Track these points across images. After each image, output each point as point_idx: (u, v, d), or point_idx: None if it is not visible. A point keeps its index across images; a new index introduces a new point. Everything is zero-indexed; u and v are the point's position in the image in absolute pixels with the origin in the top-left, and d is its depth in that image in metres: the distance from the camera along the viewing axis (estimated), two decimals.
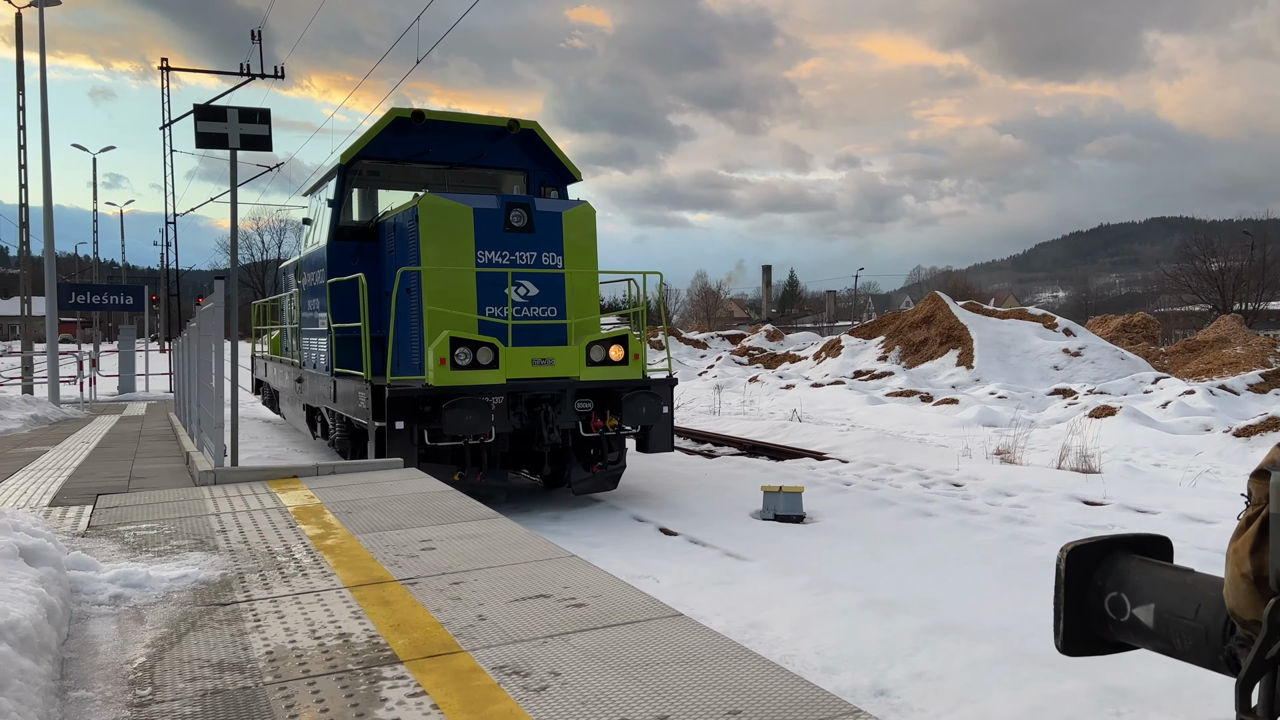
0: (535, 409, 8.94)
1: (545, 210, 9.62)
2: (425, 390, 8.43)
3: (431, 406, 8.45)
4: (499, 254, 9.32)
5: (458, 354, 8.54)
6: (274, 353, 16.74)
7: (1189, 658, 1.92)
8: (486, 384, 8.60)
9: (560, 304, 9.59)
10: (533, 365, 8.96)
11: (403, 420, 8.34)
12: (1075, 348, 24.62)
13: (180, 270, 55.38)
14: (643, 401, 9.18)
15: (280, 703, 2.76)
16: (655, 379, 9.58)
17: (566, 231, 9.64)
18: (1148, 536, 2.15)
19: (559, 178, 11.48)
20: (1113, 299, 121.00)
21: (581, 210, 9.88)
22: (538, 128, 10.97)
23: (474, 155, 11.06)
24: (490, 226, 9.29)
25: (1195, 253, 60.51)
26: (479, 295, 9.19)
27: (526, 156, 11.33)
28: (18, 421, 13.45)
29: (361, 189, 11.39)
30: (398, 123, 10.40)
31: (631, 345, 9.47)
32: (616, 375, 9.32)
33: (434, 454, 8.62)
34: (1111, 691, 4.61)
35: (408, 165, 11.06)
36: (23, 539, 3.94)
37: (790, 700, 2.67)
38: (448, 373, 8.47)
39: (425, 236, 9.11)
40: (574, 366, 9.18)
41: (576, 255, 9.72)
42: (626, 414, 9.11)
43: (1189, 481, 10.59)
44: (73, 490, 7.04)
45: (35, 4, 18.69)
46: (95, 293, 26.62)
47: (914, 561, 7.34)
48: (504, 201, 9.39)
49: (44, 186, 18.27)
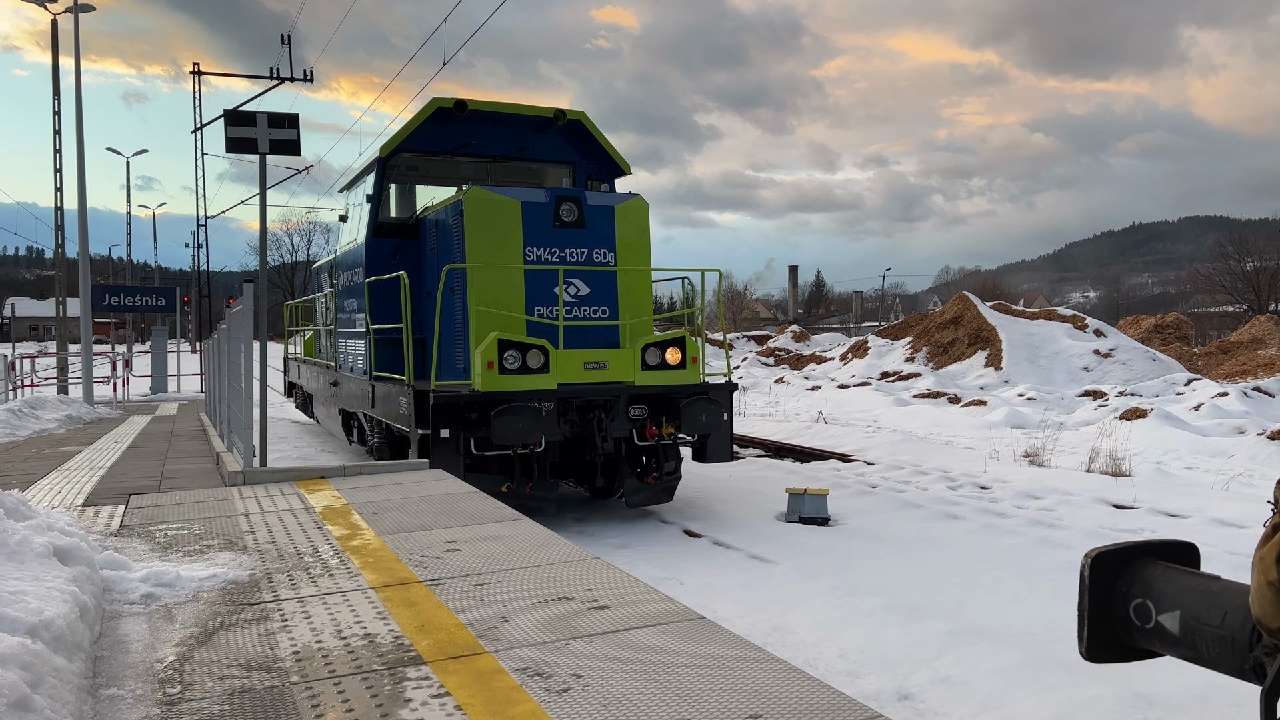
0: (587, 416, 8.43)
1: (597, 204, 9.12)
2: (472, 396, 8.00)
3: (478, 413, 8.00)
4: (548, 251, 8.85)
5: (506, 357, 8.09)
6: (307, 355, 16.51)
7: (1215, 665, 1.90)
8: (536, 389, 8.14)
9: (612, 304, 9.12)
10: (584, 369, 8.48)
11: (448, 428, 7.91)
12: (1106, 349, 24.33)
13: (211, 272, 56.07)
14: (702, 408, 8.62)
15: (306, 702, 2.80)
16: (714, 384, 9.08)
17: (619, 227, 9.17)
18: (1174, 543, 2.13)
19: (607, 171, 10.97)
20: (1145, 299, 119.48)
21: (634, 204, 9.38)
22: (584, 118, 10.47)
23: (518, 148, 10.54)
24: (539, 222, 8.82)
25: (1230, 252, 59.64)
26: (527, 294, 8.72)
27: (572, 148, 10.85)
28: (53, 421, 13.69)
29: (399, 185, 10.92)
30: (439, 113, 9.93)
31: (689, 348, 8.94)
32: (674, 380, 8.80)
33: (480, 464, 8.17)
34: (1139, 698, 4.56)
35: (448, 159, 10.58)
36: (57, 539, 4.02)
37: (813, 705, 2.67)
38: (495, 377, 8.04)
39: (471, 232, 8.67)
40: (628, 370, 8.68)
41: (629, 252, 9.22)
42: (685, 421, 8.56)
43: (1221, 485, 10.44)
44: (106, 490, 7.15)
45: (70, 10, 19.02)
46: (129, 294, 27.04)
47: (940, 565, 7.29)
48: (553, 195, 8.93)
49: (79, 189, 18.58)
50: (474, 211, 8.68)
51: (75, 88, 18.37)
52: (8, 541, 3.69)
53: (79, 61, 18.55)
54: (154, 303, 26.94)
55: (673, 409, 8.70)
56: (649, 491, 8.91)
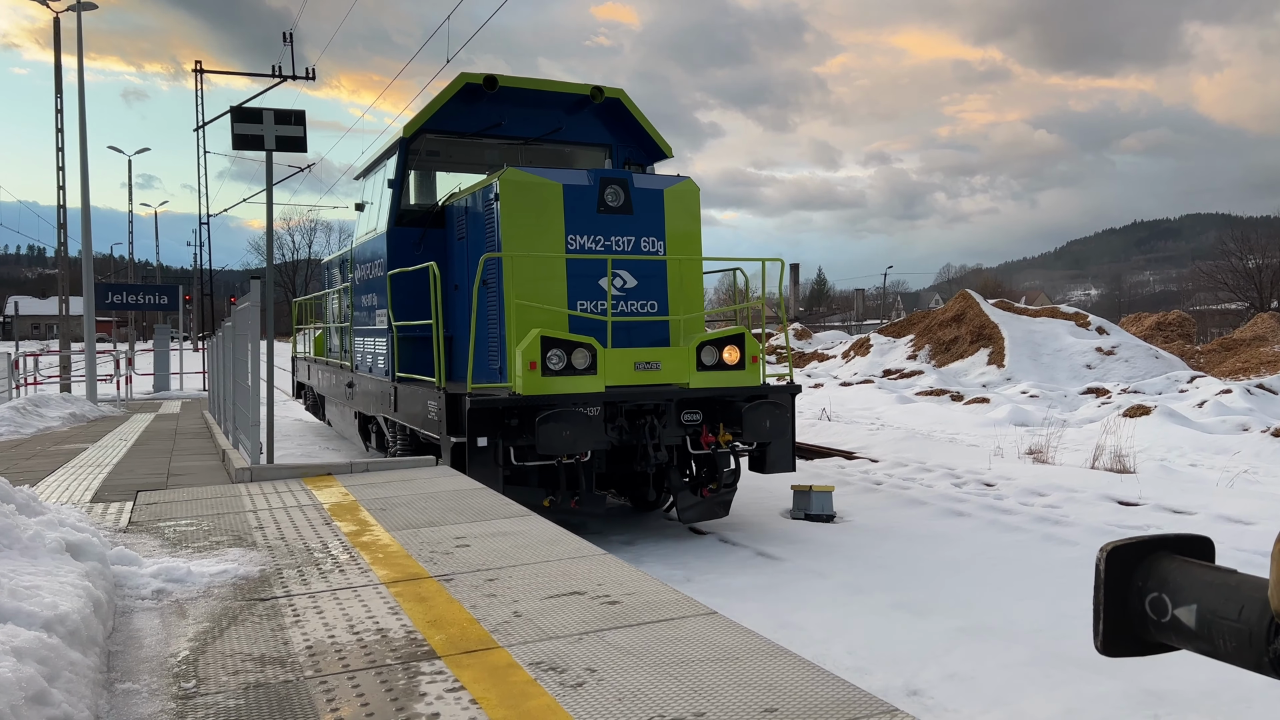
0: (637, 422, 7.69)
1: (644, 188, 8.35)
2: (513, 400, 7.24)
3: (519, 419, 7.28)
4: (592, 239, 8.08)
5: (550, 357, 7.35)
6: (317, 353, 15.85)
7: (1232, 659, 1.91)
8: (583, 392, 7.41)
9: (661, 297, 8.34)
10: (635, 370, 7.75)
11: (485, 436, 7.18)
12: (1109, 346, 24.33)
13: (213, 270, 56.09)
14: (766, 413, 7.80)
15: (321, 696, 2.81)
16: (774, 386, 8.31)
17: (669, 213, 8.41)
18: (1189, 537, 2.14)
19: (645, 154, 10.16)
20: (1147, 296, 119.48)
21: (684, 188, 8.58)
22: (624, 96, 9.70)
23: (550, 129, 9.81)
24: (582, 206, 8.06)
25: (1232, 249, 59.61)
26: (568, 287, 7.98)
27: (609, 129, 10.07)
28: (57, 419, 13.71)
29: (418, 171, 10.12)
30: (466, 90, 9.17)
31: (748, 346, 8.14)
32: (732, 382, 8.03)
33: (519, 475, 7.50)
34: (1148, 694, 4.57)
35: (475, 141, 9.84)
36: (68, 534, 4.03)
37: (826, 699, 2.68)
38: (538, 379, 7.30)
39: (507, 218, 7.91)
40: (683, 371, 7.91)
41: (679, 241, 8.46)
42: (748, 428, 7.75)
43: (1226, 482, 10.44)
44: (113, 486, 7.16)
45: (73, 8, 19.02)
46: (131, 293, 27.08)
47: (946, 562, 7.30)
48: (597, 177, 8.16)
49: (82, 188, 18.59)
50: (511, 195, 7.94)
51: (78, 86, 18.39)
52: (20, 537, 3.71)
53: (81, 60, 18.56)
54: (156, 301, 26.97)
55: (730, 413, 7.92)
56: (704, 505, 8.15)
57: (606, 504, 8.08)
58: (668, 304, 8.34)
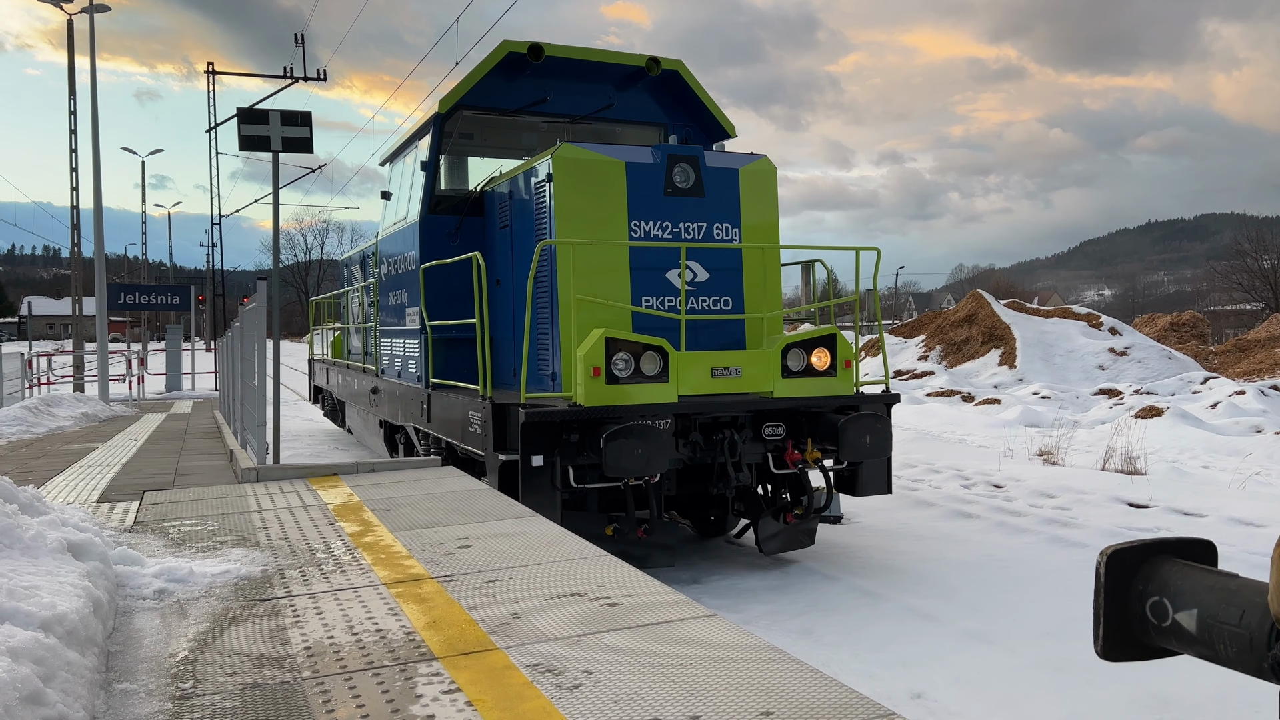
0: (713, 437, 6.74)
1: (717, 167, 7.39)
2: (574, 412, 6.27)
3: (579, 434, 6.31)
4: (657, 225, 7.16)
5: (615, 362, 6.39)
6: (335, 355, 15.08)
7: (1232, 665, 1.88)
8: (655, 403, 6.46)
9: (737, 293, 7.40)
10: (711, 377, 6.73)
11: (541, 454, 6.20)
12: (1121, 347, 24.19)
13: (225, 270, 56.38)
14: (867, 428, 6.73)
15: (318, 698, 2.80)
16: (868, 395, 7.31)
17: (744, 196, 7.45)
18: (1191, 540, 2.11)
19: (706, 135, 9.14)
20: (1161, 297, 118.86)
21: (761, 167, 7.58)
22: (682, 67, 8.73)
23: (601, 105, 8.83)
24: (647, 188, 7.13)
25: (1247, 249, 59.17)
26: (632, 281, 7.04)
27: (664, 106, 9.15)
28: (69, 419, 13.78)
29: (450, 156, 9.14)
30: (509, 61, 8.26)
31: (841, 349, 7.18)
32: (823, 390, 7.04)
33: (577, 499, 6.60)
34: (1155, 698, 4.52)
35: (516, 119, 8.92)
36: (71, 534, 4.04)
37: (825, 703, 2.65)
38: (602, 387, 6.33)
39: (561, 201, 6.98)
40: (766, 378, 6.88)
41: (756, 228, 7.51)
42: (846, 444, 6.67)
43: (1238, 484, 10.35)
44: (120, 486, 7.19)
45: (86, 10, 19.14)
46: (144, 293, 27.25)
47: (954, 563, 7.26)
48: (664, 154, 7.19)
49: (95, 189, 18.70)
50: (566, 175, 6.99)
51: (91, 88, 18.49)
52: (22, 537, 3.71)
53: (94, 62, 18.66)
54: (169, 301, 27.13)
55: (821, 427, 6.93)
56: (788, 534, 7.14)
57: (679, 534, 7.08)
58: (743, 300, 7.41)
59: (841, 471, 7.28)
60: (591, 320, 6.70)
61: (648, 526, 6.49)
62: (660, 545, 6.57)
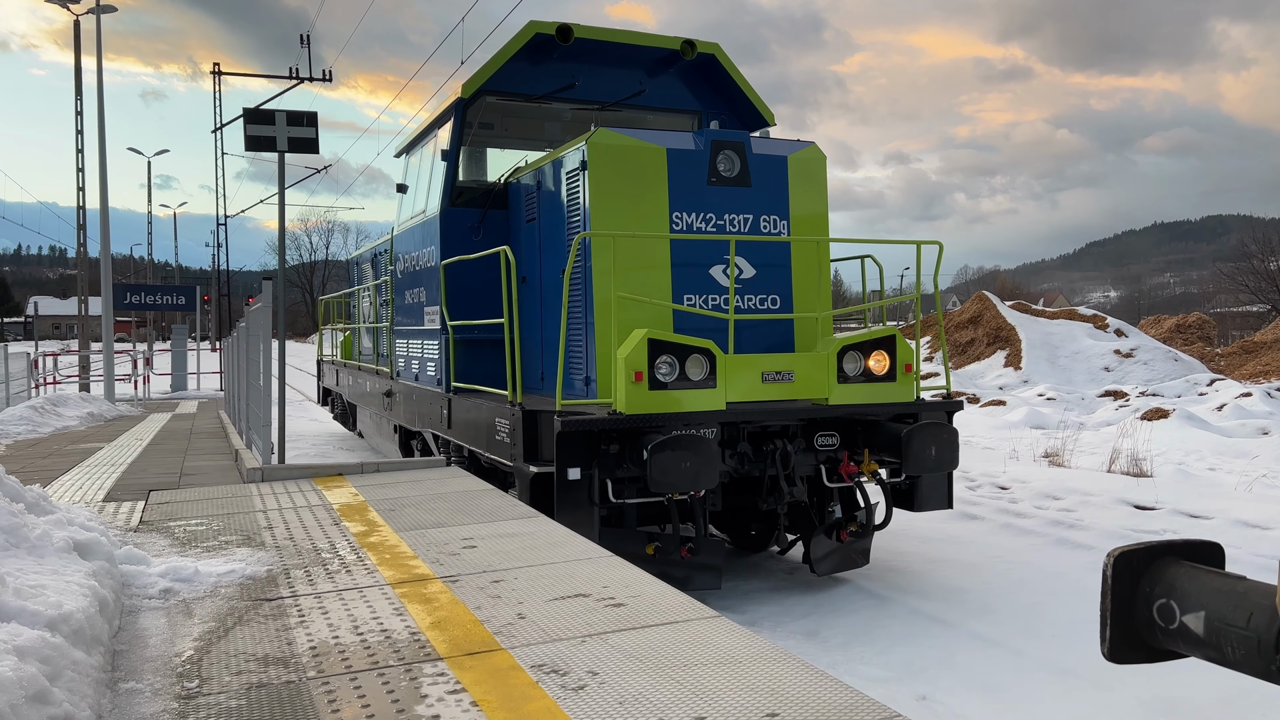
0: (763, 447, 6.23)
1: (764, 154, 6.88)
2: (614, 421, 5.73)
3: (620, 444, 5.82)
4: (700, 218, 6.64)
5: (659, 365, 5.85)
6: (345, 356, 14.68)
7: (1240, 667, 1.88)
8: (702, 410, 5.94)
9: (785, 291, 6.89)
10: (762, 382, 6.22)
11: (578, 466, 5.71)
12: (1127, 349, 24.13)
13: (231, 271, 56.50)
14: (932, 438, 6.21)
15: (323, 697, 2.80)
16: (930, 402, 6.80)
17: (793, 185, 6.94)
18: (1198, 542, 2.10)
19: (743, 124, 8.54)
20: (1167, 299, 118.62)
21: (810, 155, 7.07)
22: (719, 51, 8.23)
23: (632, 91, 8.33)
24: (689, 176, 6.63)
25: (1253, 251, 58.99)
26: (673, 277, 6.56)
27: (698, 93, 8.65)
28: (75, 419, 13.82)
29: (469, 147, 8.57)
30: (536, 43, 7.78)
31: (900, 352, 6.59)
32: (882, 396, 6.49)
33: (614, 514, 6.03)
34: (1162, 701, 4.51)
35: (541, 105, 8.42)
36: (77, 533, 4.05)
37: (830, 704, 2.65)
38: (645, 394, 5.78)
39: (597, 190, 6.46)
40: (820, 383, 6.35)
41: (805, 221, 6.98)
42: (911, 456, 6.13)
43: (1245, 486, 10.32)
44: (126, 486, 7.21)
45: (93, 11, 19.20)
46: (150, 293, 27.30)
47: (960, 565, 7.25)
48: (708, 140, 6.69)
49: (101, 190, 18.75)
50: (602, 162, 6.49)
51: (97, 89, 18.55)
52: (28, 536, 3.72)
53: (101, 63, 18.72)
54: (174, 301, 27.18)
55: (879, 436, 6.42)
56: (842, 553, 6.66)
57: (726, 554, 6.58)
58: (792, 298, 6.91)
59: (898, 485, 6.72)
60: (629, 320, 6.16)
61: (692, 545, 5.96)
62: (705, 566, 6.04)
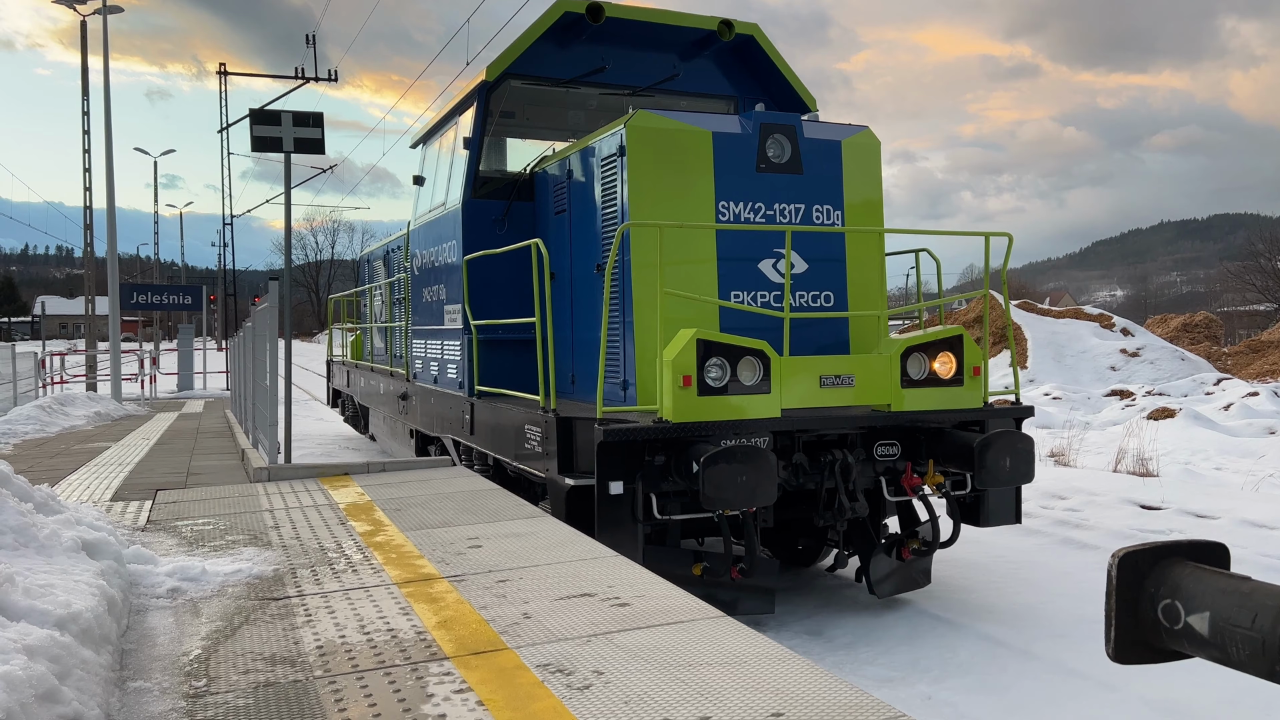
0: (820, 458, 5.72)
1: (817, 138, 6.34)
2: (663, 430, 5.22)
3: (666, 455, 5.30)
4: (748, 207, 6.13)
5: (709, 368, 5.32)
6: (355, 357, 14.33)
7: (1245, 668, 1.88)
8: (756, 418, 5.41)
9: (839, 286, 6.36)
10: (820, 387, 5.66)
11: (621, 479, 5.19)
12: (1133, 348, 24.08)
13: (237, 270, 56.64)
14: (1007, 448, 5.65)
15: (329, 697, 2.81)
16: (999, 408, 6.23)
17: (847, 173, 6.41)
18: (1203, 543, 2.10)
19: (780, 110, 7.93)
20: (1174, 298, 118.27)
21: (864, 140, 6.54)
22: (758, 32, 7.74)
23: (665, 75, 7.85)
24: (736, 162, 6.11)
25: (1261, 250, 58.84)
26: (719, 272, 6.03)
27: (734, 78, 8.15)
28: (82, 418, 13.87)
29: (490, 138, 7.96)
30: (564, 24, 7.33)
31: (968, 353, 6.03)
32: (950, 402, 5.96)
33: (658, 532, 5.49)
34: (1169, 702, 4.51)
35: (569, 91, 7.96)
36: (85, 533, 4.07)
37: (835, 703, 2.65)
38: (694, 400, 5.26)
39: (637, 178, 5.96)
40: (883, 388, 5.80)
41: (859, 211, 6.46)
42: (985, 467, 5.60)
43: (1251, 486, 10.29)
44: (133, 485, 7.23)
45: (99, 11, 19.25)
46: (156, 293, 27.37)
47: (965, 565, 7.24)
48: (757, 123, 6.16)
49: (108, 189, 18.81)
50: (643, 147, 5.98)
51: (104, 89, 18.60)
52: (37, 535, 3.74)
53: (107, 63, 18.77)
54: (181, 301, 27.26)
55: (945, 446, 5.91)
56: (904, 572, 6.16)
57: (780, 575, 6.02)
58: (846, 295, 6.38)
59: (963, 498, 6.14)
60: (671, 320, 5.58)
61: (743, 566, 5.45)
62: (756, 588, 5.55)
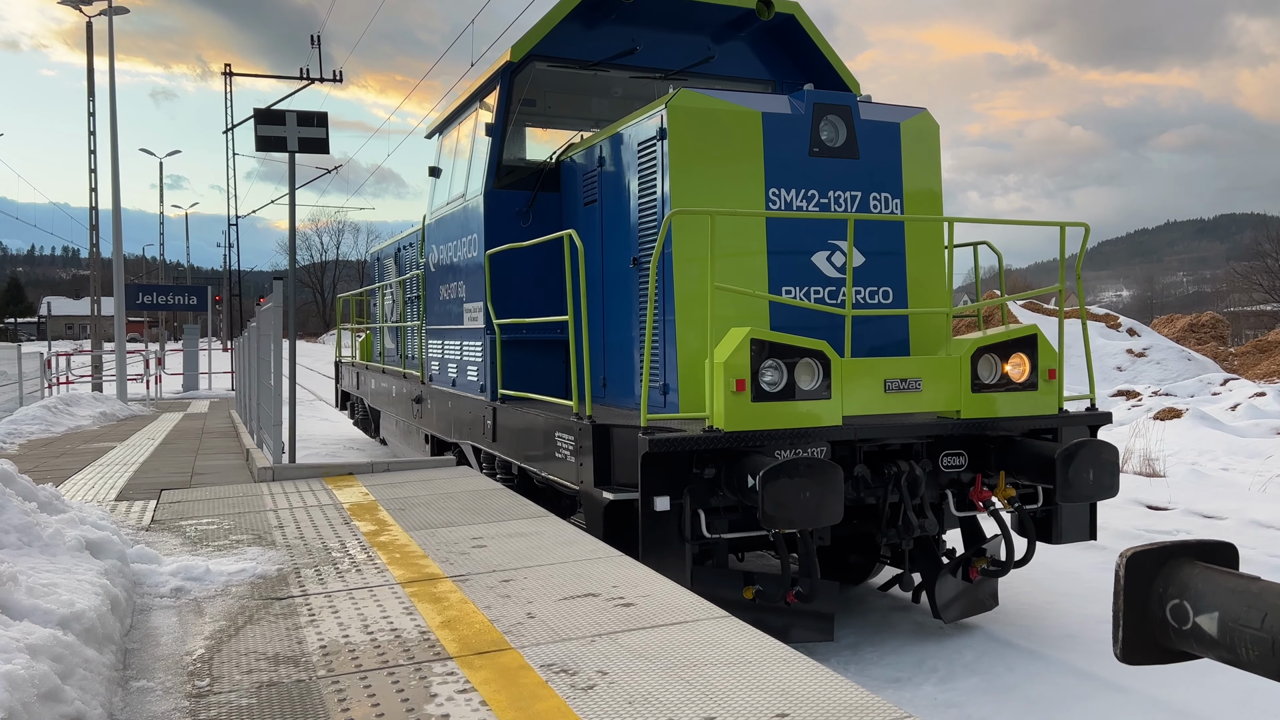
0: (882, 469, 5.14)
1: (874, 120, 5.80)
2: (716, 440, 4.68)
3: (716, 468, 4.76)
4: (801, 195, 5.57)
5: (763, 371, 4.78)
6: (364, 358, 13.88)
7: (1254, 668, 1.86)
8: (816, 427, 4.88)
9: (899, 281, 5.81)
10: (885, 392, 5.11)
11: (668, 494, 4.65)
12: (1139, 348, 24.01)
13: (242, 271, 56.75)
14: (1090, 459, 5.08)
15: (333, 696, 2.80)
16: (1075, 414, 5.66)
17: (906, 158, 5.87)
18: (1212, 543, 2.09)
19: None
20: (1180, 298, 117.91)
21: (922, 124, 5.99)
22: (799, 11, 7.21)
23: (699, 58, 7.33)
24: (788, 146, 5.57)
25: (1268, 250, 58.67)
26: (769, 265, 5.48)
27: (771, 61, 7.62)
28: (88, 418, 13.90)
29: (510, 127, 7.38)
30: (591, 2, 6.94)
31: (1042, 354, 5.47)
32: (1024, 408, 5.40)
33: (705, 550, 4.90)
34: (1177, 702, 4.48)
35: (596, 74, 7.44)
36: (89, 532, 4.07)
37: (840, 704, 2.64)
38: (747, 406, 4.72)
39: (679, 163, 5.42)
40: (951, 393, 5.26)
41: (919, 199, 5.91)
42: (1069, 481, 5.04)
43: (1259, 486, 10.25)
44: (138, 485, 7.24)
45: (105, 12, 19.29)
46: (161, 293, 27.47)
47: None
48: (810, 103, 5.61)
49: (113, 190, 18.84)
50: (685, 130, 5.44)
51: (109, 90, 18.63)
52: (41, 535, 3.74)
53: (113, 64, 18.81)
54: (186, 301, 27.34)
55: (1012, 455, 5.37)
56: (971, 595, 5.70)
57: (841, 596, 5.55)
58: (906, 291, 5.83)
59: (1034, 513, 5.56)
60: (721, 317, 4.98)
61: (801, 590, 4.89)
62: (813, 613, 5.04)
